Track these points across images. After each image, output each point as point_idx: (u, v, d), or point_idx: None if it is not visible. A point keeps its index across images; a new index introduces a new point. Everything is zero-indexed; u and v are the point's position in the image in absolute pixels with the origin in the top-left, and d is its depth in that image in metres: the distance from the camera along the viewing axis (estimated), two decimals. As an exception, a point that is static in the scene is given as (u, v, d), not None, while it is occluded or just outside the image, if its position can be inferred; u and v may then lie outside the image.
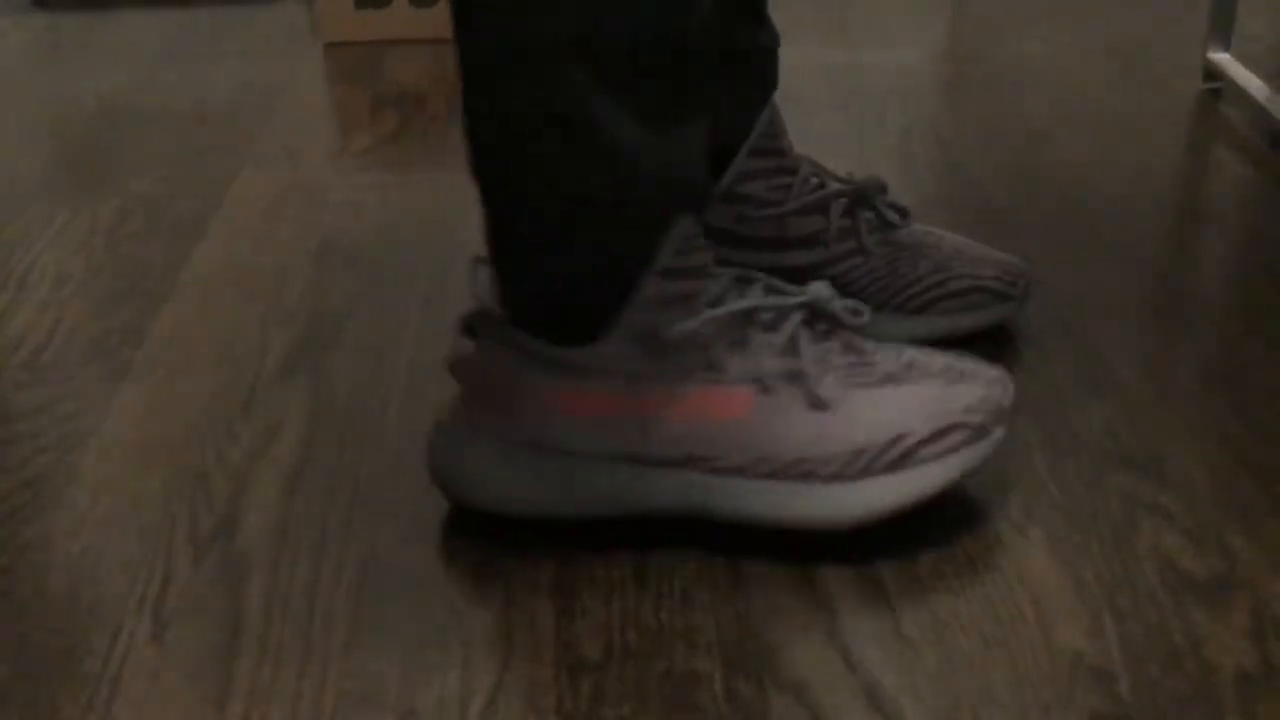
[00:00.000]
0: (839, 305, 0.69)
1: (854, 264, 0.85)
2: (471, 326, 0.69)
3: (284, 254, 1.03)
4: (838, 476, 0.67)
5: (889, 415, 0.67)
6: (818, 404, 0.67)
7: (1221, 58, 1.29)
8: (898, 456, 0.67)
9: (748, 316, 0.68)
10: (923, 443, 0.67)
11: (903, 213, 0.87)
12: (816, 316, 0.70)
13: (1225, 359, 0.85)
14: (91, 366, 0.88)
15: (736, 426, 0.67)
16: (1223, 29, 1.29)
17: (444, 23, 1.57)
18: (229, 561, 0.69)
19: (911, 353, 0.71)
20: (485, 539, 0.70)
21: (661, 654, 0.62)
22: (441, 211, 1.10)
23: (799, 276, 0.86)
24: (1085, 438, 0.77)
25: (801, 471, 0.67)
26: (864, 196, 0.86)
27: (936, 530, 0.70)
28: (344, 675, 0.61)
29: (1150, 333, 0.88)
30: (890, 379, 0.69)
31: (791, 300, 0.68)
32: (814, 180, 0.86)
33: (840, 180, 0.87)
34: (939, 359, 0.71)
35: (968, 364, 0.71)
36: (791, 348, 0.68)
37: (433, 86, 1.40)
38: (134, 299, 0.97)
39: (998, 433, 0.69)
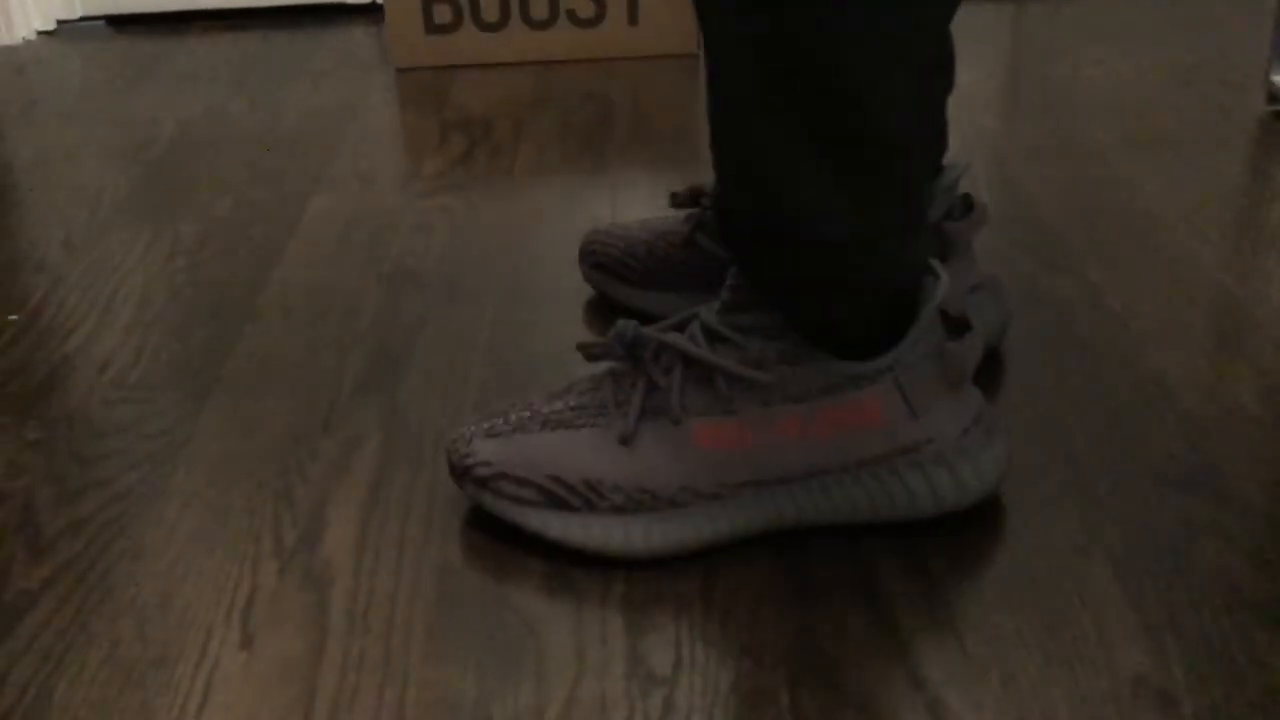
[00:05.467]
0: None
1: None
2: None
3: (357, 276, 1.06)
4: None
5: None
6: None
7: (1284, 80, 1.29)
8: None
9: None
10: None
11: None
12: None
13: (1287, 382, 0.85)
14: (176, 385, 0.91)
15: None
16: (1285, 51, 1.29)
17: (511, 48, 1.60)
18: (312, 573, 0.72)
19: None
20: (556, 554, 0.72)
21: (729, 669, 0.64)
22: (508, 234, 1.13)
23: None
24: (1145, 459, 0.78)
25: None
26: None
27: (999, 550, 0.71)
28: (423, 685, 0.64)
29: (1210, 355, 0.89)
30: None
31: None
32: None
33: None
34: None
35: None
36: None
37: (501, 111, 1.44)
38: (215, 320, 1.00)
39: None
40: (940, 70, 0.81)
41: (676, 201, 0.96)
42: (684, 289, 0.94)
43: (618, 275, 0.97)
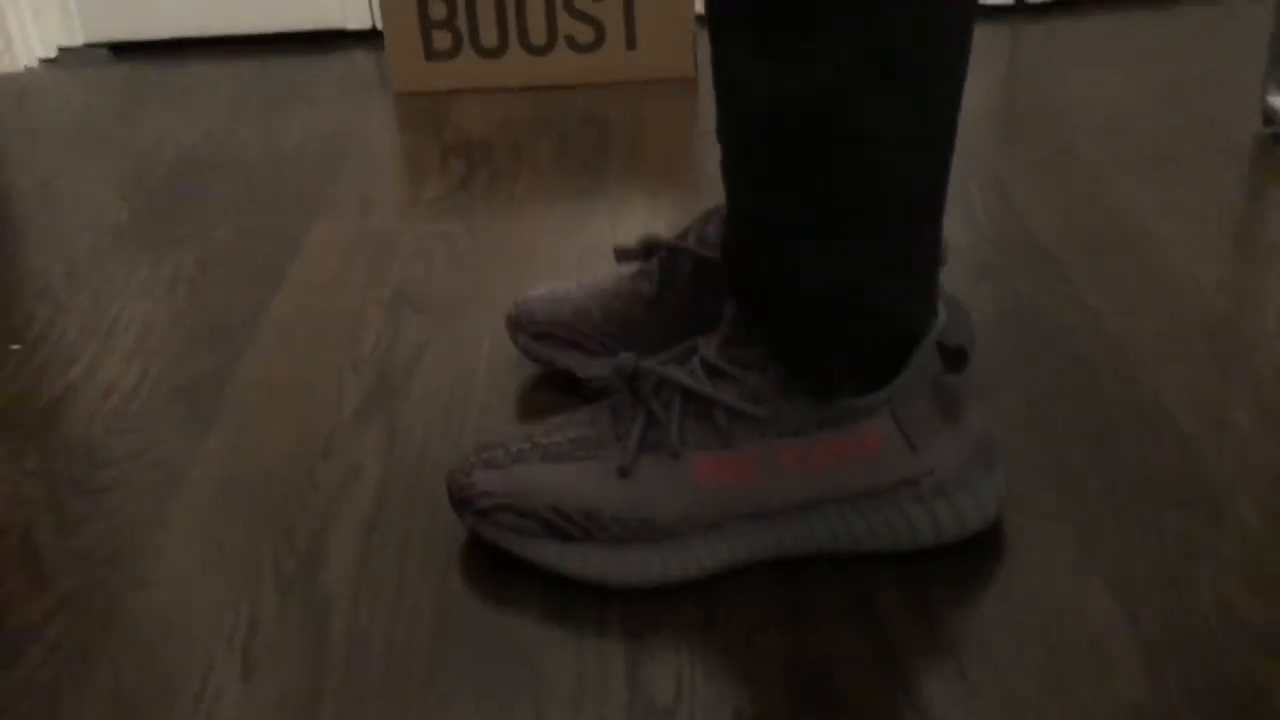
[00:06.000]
0: None
1: None
2: None
3: (357, 302, 1.06)
4: None
5: None
6: None
7: (1280, 100, 1.30)
8: None
9: None
10: None
11: None
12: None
13: (1285, 404, 0.86)
14: (178, 414, 0.92)
15: None
16: (1281, 71, 1.30)
17: (510, 72, 1.61)
18: (312, 603, 0.72)
19: None
20: (555, 584, 0.72)
21: (730, 698, 0.64)
22: (508, 259, 1.13)
23: None
24: (1143, 482, 0.78)
25: None
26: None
27: (997, 574, 0.71)
28: (423, 714, 0.64)
29: (1208, 376, 0.89)
30: None
31: None
32: None
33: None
34: None
35: None
36: None
37: (500, 135, 1.44)
38: (216, 347, 1.00)
39: None
40: None
41: (623, 256, 0.90)
42: (650, 353, 0.87)
43: (572, 344, 0.90)
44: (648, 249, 0.89)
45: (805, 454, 0.69)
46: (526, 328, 0.91)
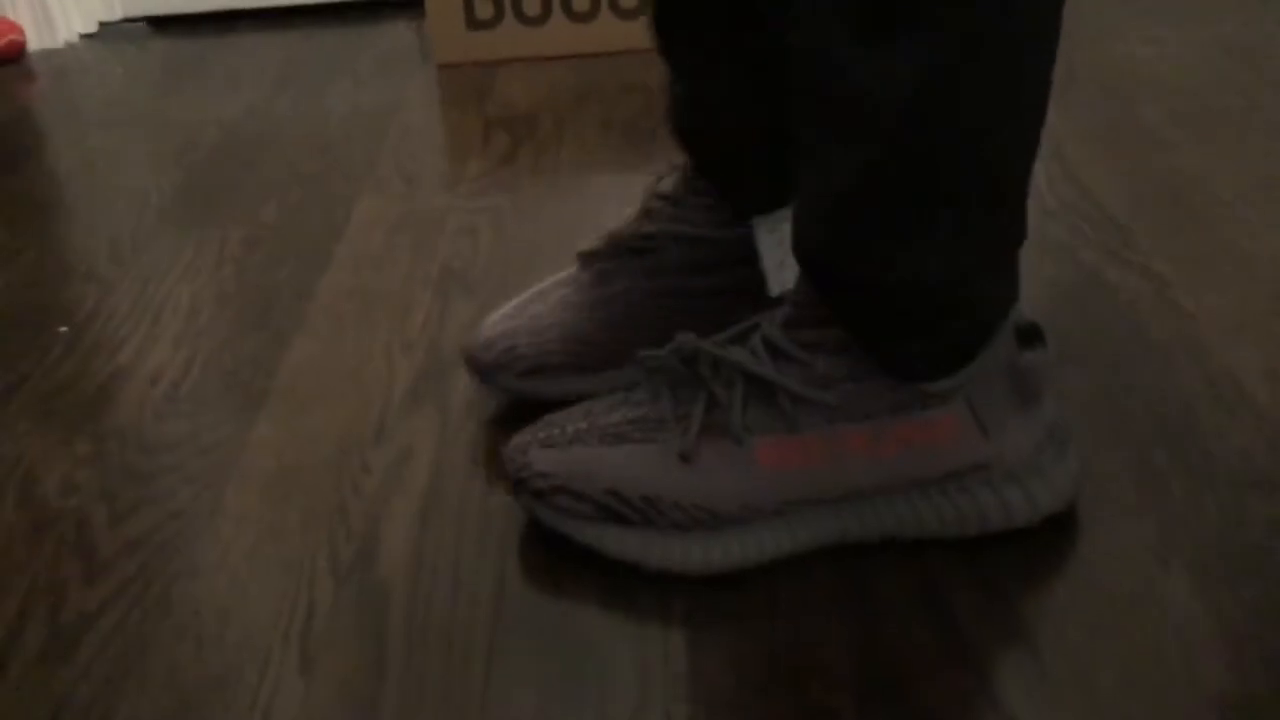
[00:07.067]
0: None
1: None
2: None
3: (405, 281, 1.05)
4: None
5: None
6: None
7: (1349, 56, 1.25)
8: None
9: None
10: None
11: None
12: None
13: (1366, 377, 0.83)
14: (228, 398, 0.90)
15: None
16: (1350, 27, 1.25)
17: (553, 41, 1.58)
18: (369, 591, 0.71)
19: None
20: (614, 570, 0.71)
21: (795, 687, 0.62)
22: (554, 234, 1.11)
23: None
24: (1221, 462, 0.76)
25: None
26: None
27: (1070, 561, 0.69)
28: (484, 707, 0.63)
29: (1285, 350, 0.86)
30: None
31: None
32: None
33: None
34: None
35: None
36: None
37: (544, 106, 1.42)
38: (265, 329, 0.99)
39: None
40: None
41: (588, 260, 0.84)
42: (658, 345, 0.76)
43: (572, 367, 0.82)
44: (614, 246, 0.84)
45: (874, 439, 0.67)
46: (509, 366, 0.82)
